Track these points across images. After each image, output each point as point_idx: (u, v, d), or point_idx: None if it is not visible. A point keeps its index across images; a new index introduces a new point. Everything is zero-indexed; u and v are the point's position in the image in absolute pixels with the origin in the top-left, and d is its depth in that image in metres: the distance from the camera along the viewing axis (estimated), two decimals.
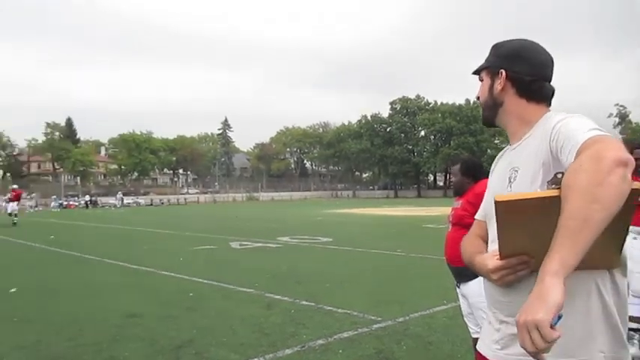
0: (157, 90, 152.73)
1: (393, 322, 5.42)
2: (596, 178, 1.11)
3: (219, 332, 5.12)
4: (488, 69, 1.59)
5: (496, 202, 1.28)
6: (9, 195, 25.22)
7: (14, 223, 22.24)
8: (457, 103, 76.42)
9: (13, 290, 7.32)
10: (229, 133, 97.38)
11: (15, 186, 27.02)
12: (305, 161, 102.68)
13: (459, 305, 3.63)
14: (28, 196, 42.75)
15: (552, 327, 1.06)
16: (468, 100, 73.01)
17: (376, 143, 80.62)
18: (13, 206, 23.64)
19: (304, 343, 4.74)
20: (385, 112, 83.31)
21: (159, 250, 12.62)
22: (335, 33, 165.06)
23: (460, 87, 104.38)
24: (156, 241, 14.92)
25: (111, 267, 9.79)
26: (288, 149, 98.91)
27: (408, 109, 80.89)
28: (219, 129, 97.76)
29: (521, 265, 1.34)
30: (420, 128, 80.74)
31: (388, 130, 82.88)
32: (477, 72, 1.65)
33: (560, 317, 1.08)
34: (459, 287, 3.52)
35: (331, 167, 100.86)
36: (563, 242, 1.12)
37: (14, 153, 76.68)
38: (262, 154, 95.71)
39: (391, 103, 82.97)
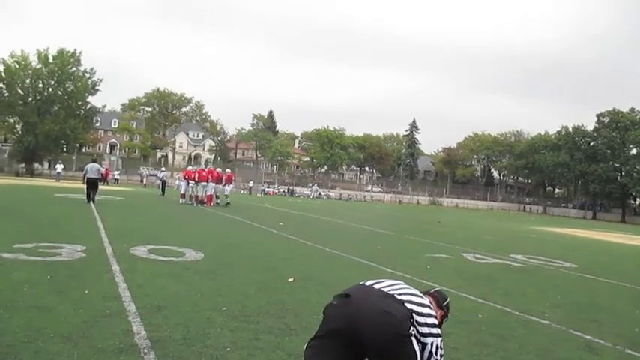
0: (350, 90, 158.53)
1: None
2: None
3: None
4: None
5: None
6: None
7: (227, 204, 24.44)
8: None
9: (290, 280, 7.39)
10: (416, 135, 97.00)
11: (228, 170, 29.34)
12: (492, 170, 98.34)
13: None
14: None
15: None
16: None
17: (576, 158, 74.17)
18: (226, 188, 25.83)
19: None
20: (588, 125, 77.14)
21: (396, 252, 12.27)
22: (534, 33, 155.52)
23: None
24: (384, 242, 14.63)
25: (362, 265, 9.63)
26: (475, 156, 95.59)
27: (619, 124, 72.75)
28: (406, 130, 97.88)
29: None
30: (631, 146, 72.29)
31: (592, 144, 76.02)
32: None
33: None
34: None
35: (520, 179, 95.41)
36: None
37: (225, 140, 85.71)
38: (448, 158, 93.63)
39: (598, 116, 75.87)
